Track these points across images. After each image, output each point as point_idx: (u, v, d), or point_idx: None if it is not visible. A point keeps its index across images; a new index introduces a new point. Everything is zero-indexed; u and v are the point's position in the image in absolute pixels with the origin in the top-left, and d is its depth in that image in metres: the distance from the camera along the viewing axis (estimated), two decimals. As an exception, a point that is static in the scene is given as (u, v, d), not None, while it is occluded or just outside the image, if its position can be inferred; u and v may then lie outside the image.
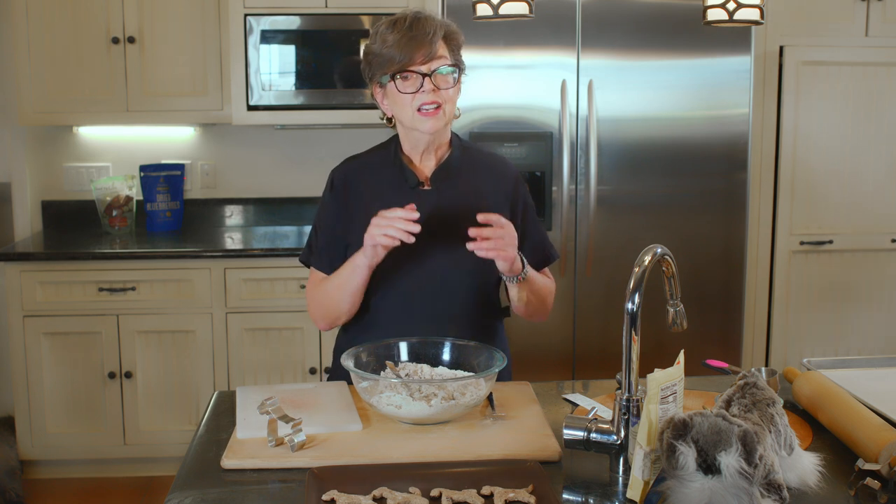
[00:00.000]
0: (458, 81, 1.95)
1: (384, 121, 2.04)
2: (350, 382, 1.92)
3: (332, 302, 2.01)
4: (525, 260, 1.95)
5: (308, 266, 2.11)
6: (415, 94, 1.90)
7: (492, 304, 2.08)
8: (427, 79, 1.89)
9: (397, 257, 1.95)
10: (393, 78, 1.90)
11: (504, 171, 2.08)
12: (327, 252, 2.05)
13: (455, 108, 1.98)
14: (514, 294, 1.99)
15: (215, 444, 1.65)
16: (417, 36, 1.88)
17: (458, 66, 1.96)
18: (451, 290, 1.99)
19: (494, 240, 1.83)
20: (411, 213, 1.82)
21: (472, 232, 1.83)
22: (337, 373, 2.11)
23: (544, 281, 2.08)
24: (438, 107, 1.91)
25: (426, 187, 2.01)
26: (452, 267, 1.98)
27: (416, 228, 1.81)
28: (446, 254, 1.97)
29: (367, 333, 2.00)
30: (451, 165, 2.02)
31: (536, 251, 2.09)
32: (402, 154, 2.03)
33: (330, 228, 2.05)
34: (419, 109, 1.91)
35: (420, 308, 1.99)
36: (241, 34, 3.57)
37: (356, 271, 1.93)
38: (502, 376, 2.03)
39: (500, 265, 1.90)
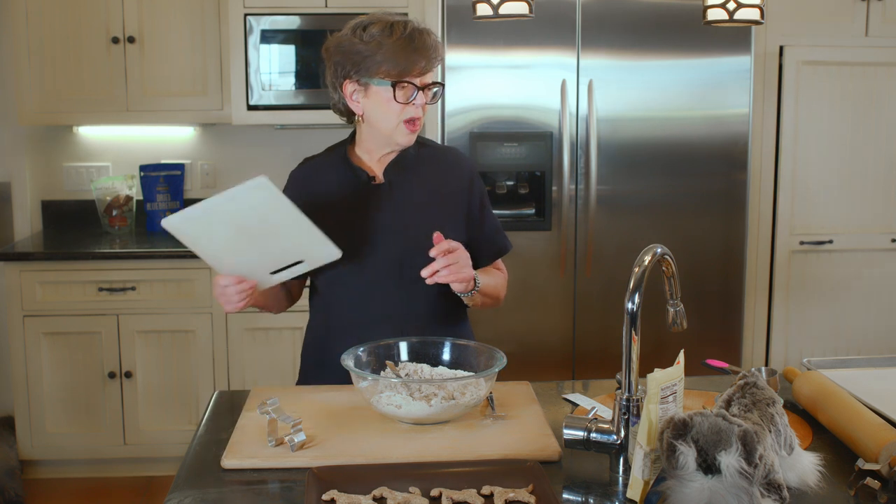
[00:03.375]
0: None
1: (344, 118, 2.03)
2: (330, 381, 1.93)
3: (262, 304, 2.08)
4: (477, 278, 1.95)
5: None
6: (406, 105, 1.91)
7: (452, 295, 2.05)
8: (420, 92, 1.91)
9: (352, 254, 1.95)
10: (393, 85, 1.90)
11: (460, 164, 2.10)
12: None
13: None
14: (467, 301, 2.01)
15: (215, 444, 1.65)
16: (420, 48, 1.89)
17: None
18: (409, 284, 1.98)
19: (450, 265, 1.84)
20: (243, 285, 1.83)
21: (426, 269, 1.84)
22: (306, 377, 2.11)
23: (496, 282, 2.10)
24: (419, 120, 1.94)
25: (378, 182, 2.02)
26: (409, 260, 1.96)
27: (249, 287, 1.84)
28: (402, 247, 1.98)
29: (330, 333, 2.02)
30: (406, 160, 2.03)
31: (492, 243, 2.13)
32: (350, 153, 2.05)
33: None
34: (403, 122, 1.92)
35: (379, 303, 1.99)
36: (241, 34, 3.57)
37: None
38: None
39: (456, 286, 1.90)
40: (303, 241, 1.81)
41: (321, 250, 1.83)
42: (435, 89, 1.95)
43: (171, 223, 1.72)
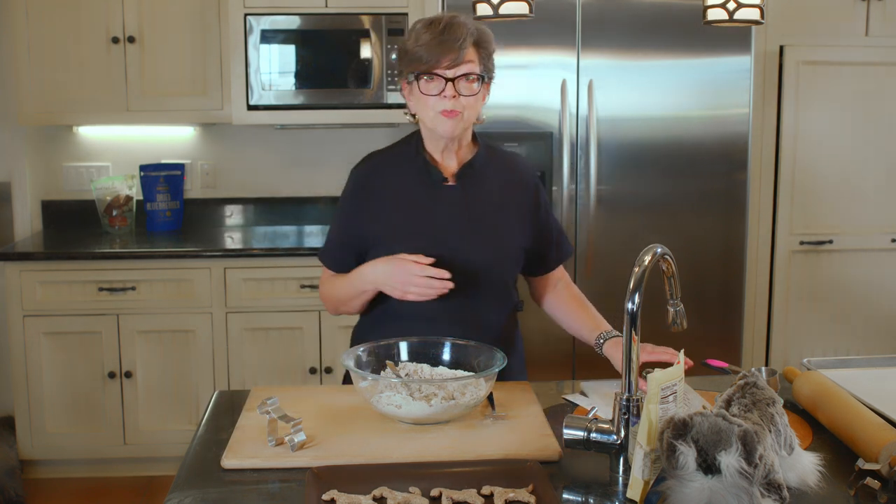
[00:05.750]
0: (482, 89, 1.97)
1: (409, 117, 2.05)
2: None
3: (340, 303, 2.08)
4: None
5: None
6: (436, 96, 1.92)
7: (510, 299, 2.12)
8: (449, 84, 1.91)
9: (421, 253, 1.95)
10: (417, 78, 1.92)
11: (526, 171, 2.14)
12: (338, 252, 2.08)
13: (477, 113, 2.00)
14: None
15: (215, 444, 1.65)
16: (447, 41, 1.89)
17: (486, 73, 1.97)
18: (474, 287, 2.00)
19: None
20: (443, 273, 1.86)
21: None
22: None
23: (592, 309, 2.17)
24: (457, 112, 1.93)
25: (450, 183, 2.03)
26: (475, 263, 1.99)
27: (451, 286, 1.86)
28: (469, 250, 1.99)
29: (387, 328, 2.00)
30: (476, 164, 2.05)
31: (559, 249, 2.17)
32: (424, 151, 2.04)
33: (344, 229, 2.08)
34: (439, 112, 1.93)
35: (442, 304, 1.98)
36: (241, 34, 3.57)
37: (363, 296, 1.98)
38: (517, 374, 2.06)
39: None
40: None
41: None
42: (470, 77, 1.92)
43: None
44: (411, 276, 1.88)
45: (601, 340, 2.01)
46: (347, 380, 2.15)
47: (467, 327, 1.97)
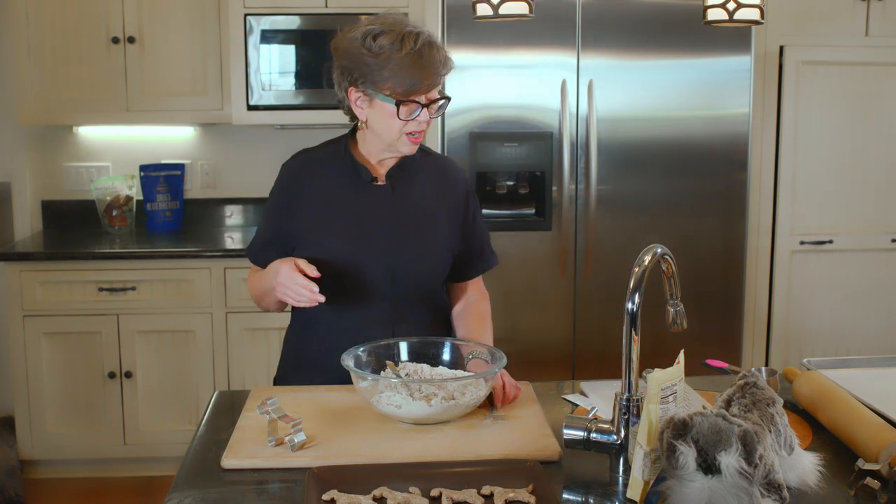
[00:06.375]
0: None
1: (350, 119, 2.02)
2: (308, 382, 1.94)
3: (259, 299, 2.08)
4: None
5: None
6: (408, 120, 1.90)
7: (440, 301, 2.11)
8: (425, 109, 1.90)
9: (350, 252, 1.96)
10: (398, 105, 1.87)
11: (457, 176, 2.12)
12: (264, 247, 2.07)
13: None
14: None
15: (215, 444, 1.65)
16: (428, 66, 1.86)
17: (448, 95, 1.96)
18: (403, 287, 2.00)
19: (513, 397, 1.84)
20: (313, 284, 1.81)
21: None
22: (284, 379, 2.10)
23: (490, 328, 2.10)
24: (422, 132, 1.94)
25: (380, 183, 2.02)
26: (402, 262, 1.98)
27: (322, 299, 1.81)
28: (398, 250, 1.98)
29: (317, 334, 2.02)
30: (409, 165, 2.03)
31: (482, 258, 2.15)
32: (354, 151, 2.03)
33: (270, 224, 2.07)
34: (406, 134, 1.92)
35: (371, 305, 1.99)
36: (241, 34, 3.57)
37: (273, 292, 1.91)
38: None
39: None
40: None
41: None
42: (440, 103, 1.93)
43: None
44: (287, 280, 1.83)
45: (469, 358, 1.90)
46: (278, 381, 2.15)
47: (393, 327, 1.97)
